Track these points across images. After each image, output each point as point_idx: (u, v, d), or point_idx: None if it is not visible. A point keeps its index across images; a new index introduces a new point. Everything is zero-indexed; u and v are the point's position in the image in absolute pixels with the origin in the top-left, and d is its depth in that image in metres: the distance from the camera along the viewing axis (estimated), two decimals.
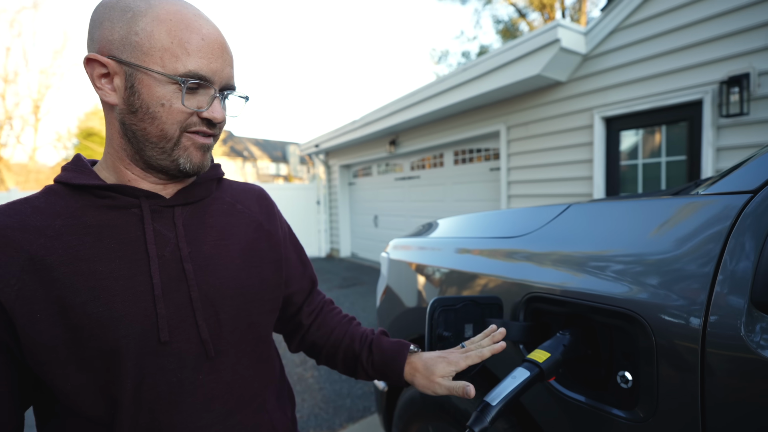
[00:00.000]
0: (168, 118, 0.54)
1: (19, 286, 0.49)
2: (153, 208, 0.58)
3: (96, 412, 0.54)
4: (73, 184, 0.55)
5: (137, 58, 0.52)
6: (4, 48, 14.70)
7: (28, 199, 0.55)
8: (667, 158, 3.23)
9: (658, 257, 0.68)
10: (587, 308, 0.75)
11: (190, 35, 0.53)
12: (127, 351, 0.52)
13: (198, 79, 0.54)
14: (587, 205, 0.91)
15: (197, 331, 0.58)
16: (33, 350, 0.50)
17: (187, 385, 0.57)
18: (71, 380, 0.52)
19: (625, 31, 3.32)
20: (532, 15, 16.42)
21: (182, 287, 0.57)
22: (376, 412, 2.49)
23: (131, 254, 0.55)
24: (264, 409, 0.68)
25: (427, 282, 1.27)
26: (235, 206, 0.69)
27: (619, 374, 0.71)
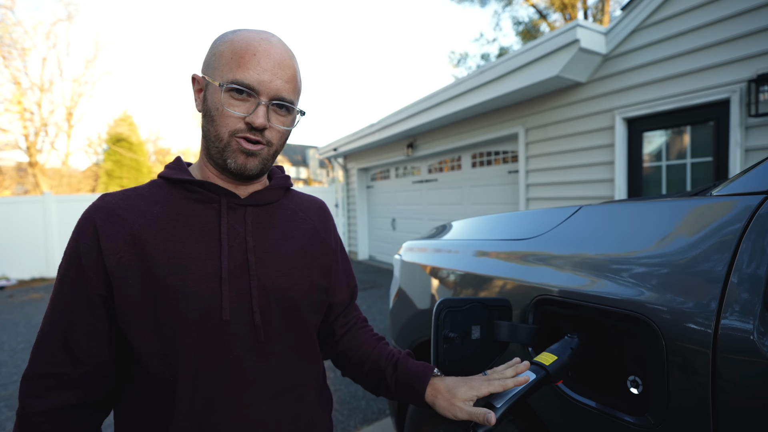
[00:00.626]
0: (220, 122, 0.63)
1: (119, 256, 0.60)
2: (229, 205, 0.68)
3: (161, 376, 0.62)
4: (170, 178, 0.67)
5: (209, 73, 0.64)
6: (41, 59, 15.39)
7: (136, 188, 0.67)
8: (692, 160, 3.12)
9: (668, 259, 0.66)
10: (596, 311, 0.74)
11: (246, 52, 0.62)
12: (193, 323, 0.61)
13: (239, 86, 0.61)
14: (598, 206, 0.89)
15: (251, 316, 0.65)
16: (122, 310, 0.61)
17: (240, 363, 0.64)
18: (145, 342, 0.61)
19: (647, 30, 3.24)
20: (553, 16, 16.17)
21: (244, 275, 0.66)
22: (390, 415, 2.48)
23: (207, 241, 0.65)
24: (305, 401, 0.73)
25: (438, 284, 1.27)
26: (297, 213, 0.78)
27: (630, 379, 0.70)
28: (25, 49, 14.64)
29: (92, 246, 0.61)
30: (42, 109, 15.56)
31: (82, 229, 0.62)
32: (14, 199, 8.09)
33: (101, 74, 21.16)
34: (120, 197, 0.65)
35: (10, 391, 3.03)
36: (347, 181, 9.18)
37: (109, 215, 0.62)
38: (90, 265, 0.61)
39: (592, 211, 0.89)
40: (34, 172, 15.35)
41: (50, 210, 8.11)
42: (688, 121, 3.10)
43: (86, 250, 0.61)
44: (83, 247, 0.61)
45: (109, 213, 0.62)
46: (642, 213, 0.78)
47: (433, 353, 0.78)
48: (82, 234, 0.62)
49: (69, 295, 0.61)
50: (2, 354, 3.84)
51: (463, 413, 0.67)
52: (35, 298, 6.35)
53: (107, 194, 0.65)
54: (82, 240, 0.61)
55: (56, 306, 0.62)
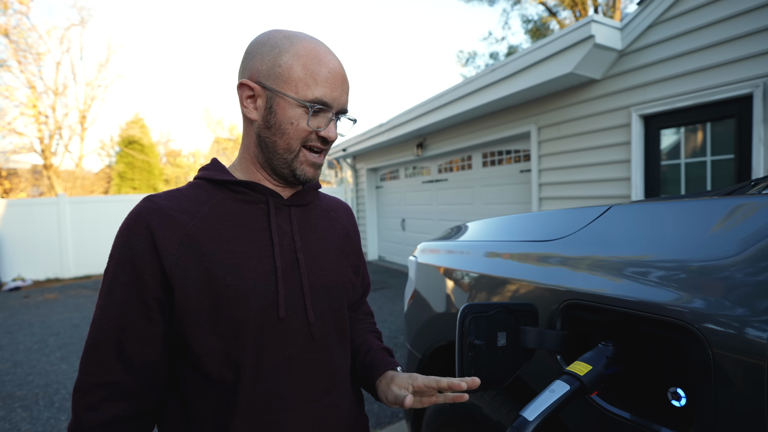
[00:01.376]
0: (294, 135, 0.65)
1: (177, 256, 0.60)
2: (276, 205, 0.70)
3: (222, 377, 0.62)
4: (215, 179, 0.68)
5: (278, 85, 0.64)
6: (55, 63, 15.65)
7: (180, 189, 0.67)
8: (712, 157, 3.03)
9: (713, 263, 0.62)
10: (633, 317, 0.69)
11: (320, 68, 0.64)
12: (254, 322, 0.62)
13: (322, 105, 0.64)
14: (631, 206, 0.85)
15: (305, 314, 0.67)
16: (182, 312, 0.60)
17: (296, 360, 0.65)
18: (207, 343, 0.61)
19: (665, 25, 3.15)
20: (563, 13, 15.99)
21: (295, 274, 0.67)
22: (404, 419, 2.45)
23: (259, 240, 0.66)
24: (347, 396, 0.75)
25: (456, 287, 1.23)
26: (330, 214, 0.81)
27: (671, 390, 0.65)
28: (40, 53, 14.89)
29: (147, 248, 0.60)
30: (56, 112, 15.82)
31: (133, 232, 0.60)
32: (30, 201, 8.22)
33: (113, 78, 21.41)
34: (168, 198, 0.64)
35: (25, 391, 3.05)
36: (356, 181, 9.15)
37: (162, 216, 0.61)
38: (145, 268, 0.60)
39: (624, 211, 0.84)
40: (49, 175, 15.60)
41: (65, 211, 8.22)
42: (708, 118, 3.01)
43: (141, 253, 0.60)
44: (137, 249, 0.60)
45: (162, 214, 0.61)
46: (682, 212, 0.73)
47: (458, 362, 0.74)
48: (134, 236, 0.60)
49: (121, 301, 0.60)
50: (18, 354, 3.88)
51: (391, 395, 0.70)
52: (50, 299, 6.43)
53: (153, 196, 0.64)
54: (135, 242, 0.60)
55: (107, 312, 0.60)
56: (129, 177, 17.50)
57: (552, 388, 0.64)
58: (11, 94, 14.04)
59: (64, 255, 8.28)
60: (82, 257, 8.43)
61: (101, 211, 8.56)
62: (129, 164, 17.57)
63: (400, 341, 3.82)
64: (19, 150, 15.80)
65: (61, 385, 3.13)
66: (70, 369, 3.45)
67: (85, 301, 6.12)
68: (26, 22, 15.28)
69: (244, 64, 0.68)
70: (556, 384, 0.65)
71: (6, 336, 4.49)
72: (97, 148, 20.16)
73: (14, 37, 13.75)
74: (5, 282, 7.77)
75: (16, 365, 3.59)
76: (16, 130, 14.56)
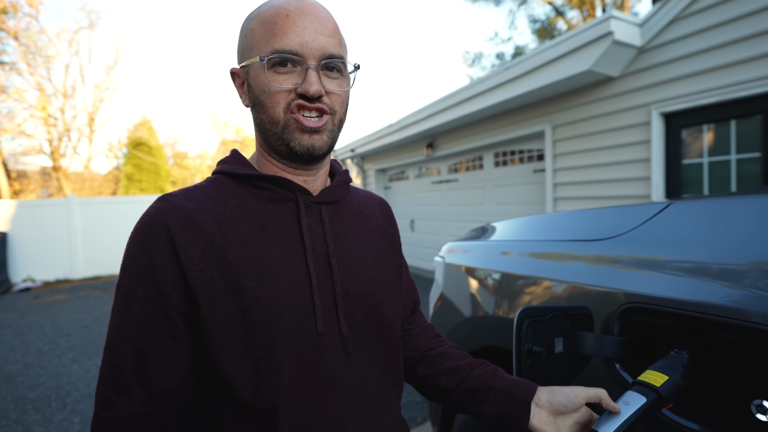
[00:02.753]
0: (270, 103, 0.56)
1: (201, 266, 0.52)
2: (306, 204, 0.61)
3: (255, 405, 0.53)
4: (237, 173, 0.60)
5: (246, 58, 0.57)
6: (64, 66, 15.79)
7: (198, 186, 0.59)
8: (737, 156, 2.95)
9: None
10: (705, 322, 0.63)
11: (277, 18, 0.54)
12: (290, 339, 0.54)
13: (282, 54, 0.53)
14: (695, 202, 0.79)
15: (338, 326, 0.59)
16: (210, 331, 0.52)
17: (339, 378, 0.57)
18: (236, 366, 0.52)
19: (687, 20, 3.08)
20: (570, 13, 15.88)
21: (328, 281, 0.59)
22: (424, 423, 2.39)
23: (290, 245, 0.58)
24: (390, 411, 0.66)
25: (493, 289, 1.17)
26: (362, 210, 0.71)
27: (755, 403, 0.59)
28: (49, 56, 15.02)
29: (168, 256, 0.51)
30: (65, 114, 15.94)
31: (150, 237, 0.52)
32: (40, 202, 8.26)
33: (121, 80, 21.53)
34: (186, 198, 0.56)
35: (37, 392, 3.03)
36: (364, 182, 9.11)
37: (182, 219, 0.53)
38: (167, 280, 0.51)
39: (688, 208, 0.78)
40: (58, 176, 15.72)
41: (74, 213, 8.26)
42: (733, 115, 2.93)
43: (162, 262, 0.51)
44: (156, 258, 0.51)
45: (182, 216, 0.53)
46: (758, 208, 0.67)
47: (515, 370, 0.69)
48: (151, 243, 0.52)
49: (141, 318, 0.52)
50: (29, 355, 3.87)
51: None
52: (60, 300, 6.44)
53: (169, 195, 0.56)
54: (153, 249, 0.51)
55: (123, 332, 0.52)
56: (137, 178, 17.59)
57: (626, 400, 0.59)
58: (21, 96, 14.16)
59: (74, 256, 8.31)
60: (91, 258, 8.45)
61: (110, 212, 8.58)
62: (137, 166, 17.67)
63: None
64: (29, 152, 15.94)
65: (73, 387, 3.10)
66: (81, 370, 3.43)
67: (95, 302, 6.13)
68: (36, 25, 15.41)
69: None
70: (629, 395, 0.59)
71: (17, 337, 4.48)
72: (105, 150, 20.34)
73: (24, 40, 13.88)
74: (15, 283, 7.81)
75: (27, 366, 3.58)
76: (25, 132, 14.69)
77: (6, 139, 14.52)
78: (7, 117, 14.22)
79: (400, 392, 0.71)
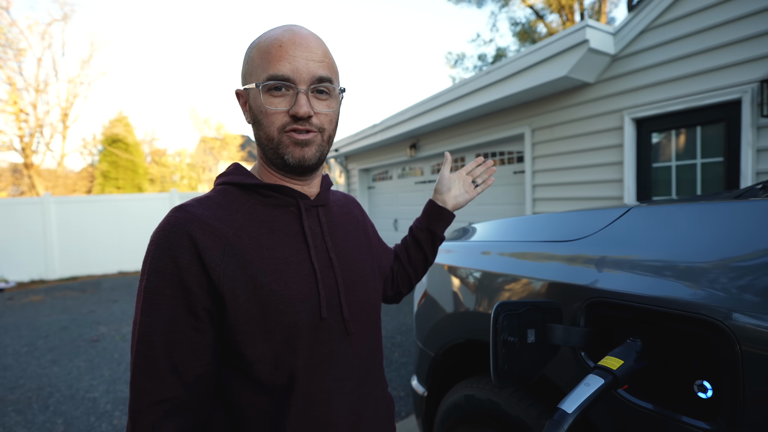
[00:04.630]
0: (267, 123, 0.64)
1: (223, 267, 0.59)
2: (306, 208, 0.70)
3: (273, 381, 0.62)
4: (244, 183, 0.67)
5: (247, 82, 0.65)
6: (36, 59, 15.25)
7: (209, 196, 0.66)
8: (702, 160, 3.13)
9: (740, 263, 0.65)
10: (659, 314, 0.73)
11: (272, 47, 0.62)
12: (303, 324, 0.63)
13: (275, 80, 0.61)
14: (651, 207, 0.88)
15: (341, 311, 0.68)
16: (233, 322, 0.60)
17: (334, 356, 0.67)
18: (258, 350, 0.61)
19: (657, 31, 3.25)
20: (550, 17, 16.24)
21: (330, 273, 0.69)
22: (407, 417, 2.47)
23: (295, 244, 0.66)
24: (381, 385, 0.79)
25: (473, 287, 1.26)
26: (344, 209, 0.82)
27: (697, 383, 0.69)
28: (21, 49, 14.50)
29: (192, 259, 0.58)
30: (37, 109, 15.41)
31: (174, 243, 0.58)
32: (13, 201, 8.01)
33: (97, 75, 20.96)
34: (201, 207, 0.63)
35: (17, 395, 2.99)
36: (348, 182, 9.16)
37: (202, 226, 0.60)
38: (194, 280, 0.58)
39: (644, 213, 0.88)
40: (30, 174, 15.19)
41: (49, 211, 8.03)
42: (699, 122, 3.11)
43: (187, 265, 0.58)
44: (181, 261, 0.58)
45: (201, 224, 0.60)
46: (704, 215, 0.77)
47: (492, 358, 0.77)
48: (177, 248, 0.58)
49: (169, 314, 0.58)
50: (6, 357, 3.79)
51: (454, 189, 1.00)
52: (35, 301, 6.28)
53: (185, 205, 0.62)
54: (179, 254, 0.58)
55: (153, 327, 0.58)
56: (113, 176, 17.16)
57: (587, 382, 0.67)
58: None
59: (49, 256, 8.09)
60: (67, 258, 8.24)
61: (87, 211, 8.39)
62: (113, 163, 17.23)
63: (397, 341, 3.85)
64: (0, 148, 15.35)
65: (54, 389, 3.07)
66: (62, 372, 3.39)
67: (72, 303, 5.99)
68: (7, 17, 14.84)
69: None
70: (590, 378, 0.68)
71: None
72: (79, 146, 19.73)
73: None
74: None
75: (5, 369, 3.51)
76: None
77: None
78: None
79: (383, 367, 0.83)
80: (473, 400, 1.21)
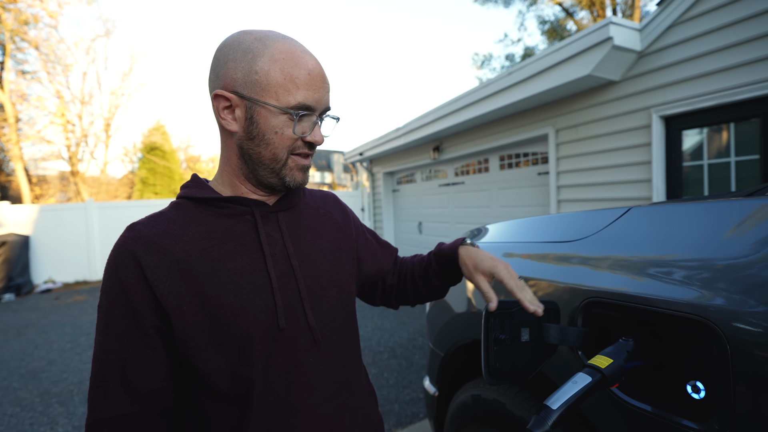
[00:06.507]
0: (279, 144, 0.63)
1: (168, 283, 0.59)
2: (262, 214, 0.68)
3: (232, 391, 0.62)
4: (197, 197, 0.66)
5: (257, 94, 0.60)
6: (81, 73, 16.29)
7: (162, 212, 0.65)
8: (736, 158, 2.99)
9: (732, 262, 0.65)
10: (653, 314, 0.72)
11: (299, 71, 0.61)
12: (256, 336, 0.61)
13: (305, 110, 0.62)
14: (650, 207, 0.88)
15: (306, 319, 0.66)
16: (182, 337, 0.60)
17: (300, 366, 0.65)
18: (211, 363, 0.61)
19: (686, 25, 3.13)
20: (580, 14, 15.82)
21: (291, 281, 0.66)
22: (426, 418, 2.48)
23: (250, 253, 0.64)
24: (359, 395, 0.75)
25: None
26: (319, 210, 0.79)
27: (690, 383, 0.68)
28: (68, 65, 15.51)
29: (137, 279, 0.58)
30: (82, 120, 16.43)
31: (120, 264, 0.59)
32: (60, 207, 8.56)
33: (136, 86, 22.15)
34: (150, 225, 0.62)
35: (60, 387, 3.20)
36: (373, 185, 9.23)
37: (147, 245, 0.59)
38: (140, 299, 0.58)
39: (642, 213, 0.87)
40: (76, 181, 16.18)
41: (92, 216, 8.53)
42: (732, 118, 2.97)
43: (132, 284, 0.58)
44: (127, 281, 0.58)
45: (146, 242, 0.60)
46: (700, 213, 0.76)
47: (483, 355, 0.78)
48: (122, 268, 0.59)
49: (119, 333, 0.59)
50: (52, 353, 4.06)
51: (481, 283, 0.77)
52: (79, 300, 6.68)
53: (135, 224, 0.63)
54: (124, 274, 0.58)
55: (106, 346, 0.59)
56: (151, 182, 18.00)
57: (575, 380, 0.68)
58: (41, 103, 14.64)
59: (92, 258, 8.58)
60: None
61: (126, 216, 8.84)
62: (151, 170, 18.08)
63: (418, 343, 3.85)
64: (48, 157, 16.46)
65: None
66: None
67: None
68: (55, 35, 15.92)
69: (215, 71, 0.63)
70: (578, 376, 0.68)
71: (41, 335, 4.69)
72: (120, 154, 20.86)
73: (44, 50, 14.37)
74: (37, 284, 8.10)
75: (51, 363, 3.76)
76: (45, 138, 15.17)
77: (27, 145, 15.02)
78: (28, 124, 14.73)
79: (363, 375, 0.80)
80: (480, 400, 1.22)
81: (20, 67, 14.46)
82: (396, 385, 2.95)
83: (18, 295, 7.37)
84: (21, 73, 14.52)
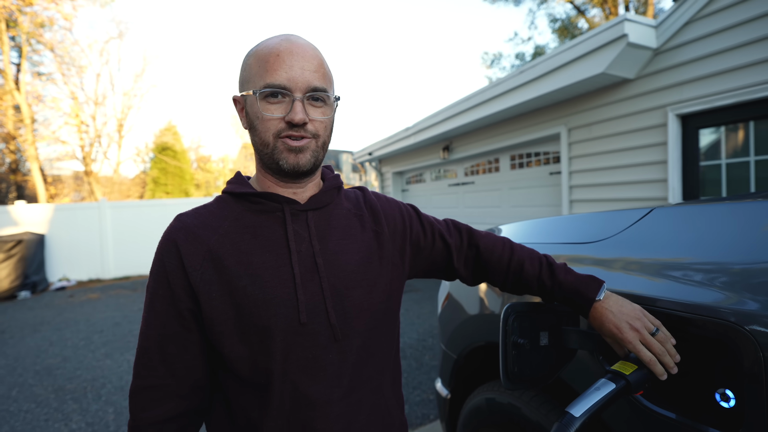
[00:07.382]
0: (262, 128, 0.66)
1: (202, 271, 0.65)
2: (292, 212, 0.70)
3: (253, 379, 0.66)
4: (235, 192, 0.71)
5: (243, 88, 0.68)
6: (95, 75, 16.54)
7: (206, 205, 0.72)
8: (756, 157, 2.91)
9: (764, 264, 0.62)
10: (678, 319, 0.70)
11: (270, 56, 0.64)
12: (276, 328, 0.64)
13: (272, 88, 0.63)
14: (674, 208, 0.85)
15: (327, 317, 0.67)
16: (210, 323, 0.65)
17: (320, 361, 0.67)
18: (235, 350, 0.65)
19: (703, 21, 3.06)
20: (591, 11, 15.63)
21: (315, 278, 0.68)
22: (437, 420, 2.46)
23: (277, 249, 0.67)
24: (381, 393, 0.75)
25: (491, 289, 1.25)
26: (351, 211, 0.79)
27: (719, 391, 0.66)
28: (82, 66, 15.76)
29: (177, 264, 0.65)
30: (96, 121, 16.68)
31: (165, 250, 0.66)
32: (74, 206, 8.69)
33: (148, 87, 22.44)
34: (193, 216, 0.69)
35: (74, 384, 3.24)
36: (382, 184, 9.22)
37: (187, 234, 0.66)
38: (177, 282, 0.65)
39: (667, 213, 0.85)
40: (89, 181, 16.44)
41: (105, 215, 8.65)
42: (750, 116, 2.89)
43: (172, 269, 0.65)
44: (169, 266, 0.65)
45: (186, 232, 0.66)
46: (729, 214, 0.73)
47: (501, 359, 0.77)
48: (166, 254, 0.66)
49: (161, 312, 0.66)
50: (66, 350, 4.12)
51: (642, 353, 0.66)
52: (93, 298, 6.77)
53: (182, 214, 0.69)
54: (167, 259, 0.66)
55: (150, 322, 0.67)
56: (162, 182, 18.22)
57: (597, 386, 0.65)
58: (56, 105, 14.90)
59: (105, 256, 8.70)
60: (121, 259, 8.83)
61: (138, 215, 8.95)
62: (162, 170, 18.29)
63: (428, 344, 3.83)
64: (63, 157, 16.75)
65: (107, 380, 3.30)
66: (114, 365, 3.64)
67: (125, 301, 6.42)
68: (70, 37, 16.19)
69: None
70: (601, 382, 0.66)
71: (55, 333, 4.76)
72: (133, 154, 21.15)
73: (59, 52, 14.61)
74: (52, 282, 8.23)
75: (65, 360, 3.81)
76: (60, 138, 15.44)
77: (42, 145, 15.29)
78: (44, 124, 15.01)
79: (392, 376, 0.78)
80: (494, 404, 1.20)
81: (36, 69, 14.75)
82: (406, 386, 2.93)
83: (33, 292, 7.50)
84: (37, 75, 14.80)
